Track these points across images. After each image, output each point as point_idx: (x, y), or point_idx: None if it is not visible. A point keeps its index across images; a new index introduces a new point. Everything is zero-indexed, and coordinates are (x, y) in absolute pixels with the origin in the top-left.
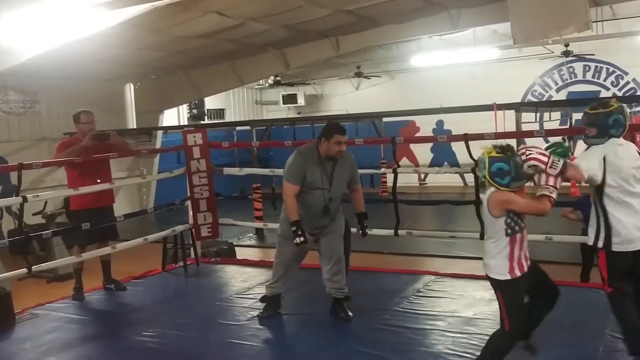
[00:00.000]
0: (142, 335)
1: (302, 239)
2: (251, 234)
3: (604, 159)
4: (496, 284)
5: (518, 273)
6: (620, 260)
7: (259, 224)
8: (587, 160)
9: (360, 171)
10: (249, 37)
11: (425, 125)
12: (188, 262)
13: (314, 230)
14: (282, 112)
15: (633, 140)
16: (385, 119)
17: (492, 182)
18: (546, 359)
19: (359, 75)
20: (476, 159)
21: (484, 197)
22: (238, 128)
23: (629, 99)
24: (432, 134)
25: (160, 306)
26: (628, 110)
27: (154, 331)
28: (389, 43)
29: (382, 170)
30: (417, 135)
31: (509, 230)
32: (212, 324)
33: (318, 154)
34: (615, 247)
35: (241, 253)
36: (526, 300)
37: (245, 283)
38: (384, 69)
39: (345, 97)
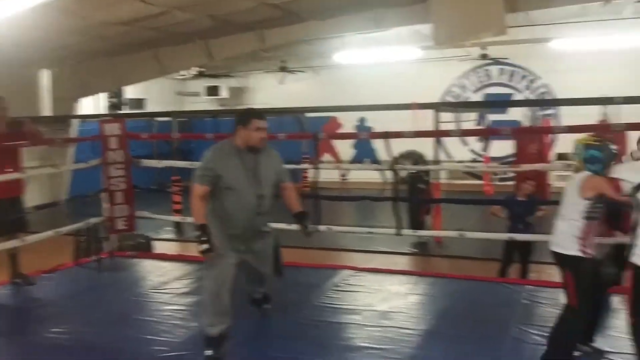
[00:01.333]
0: (49, 332)
1: (206, 246)
2: (169, 228)
3: None
4: (564, 260)
5: (589, 251)
6: None
7: (178, 218)
8: None
9: (287, 166)
10: (173, 25)
11: (348, 122)
12: (102, 256)
13: (241, 246)
14: (205, 104)
15: (542, 142)
16: (308, 115)
17: (585, 167)
18: (455, 352)
19: (283, 69)
20: (573, 145)
21: (575, 178)
22: (158, 119)
23: (540, 102)
24: (354, 131)
25: (70, 302)
26: (539, 113)
27: (62, 327)
28: (314, 39)
29: (303, 165)
30: (339, 131)
31: (588, 214)
32: (127, 319)
33: (236, 148)
34: None
35: (159, 247)
36: None
37: (162, 278)
38: (308, 64)
39: (269, 91)
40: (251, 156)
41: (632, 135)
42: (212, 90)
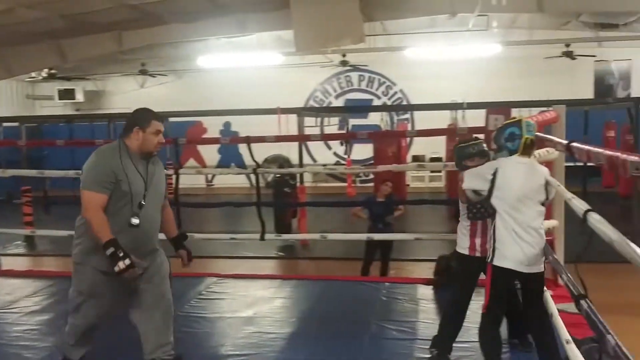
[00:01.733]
0: None
1: (127, 261)
2: (19, 242)
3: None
4: (459, 259)
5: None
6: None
7: (27, 231)
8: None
9: None
10: (20, 24)
11: (213, 127)
12: None
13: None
14: (58, 108)
15: (398, 145)
16: (172, 119)
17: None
18: (318, 353)
19: (144, 72)
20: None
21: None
22: (4, 124)
23: (396, 107)
24: (219, 135)
25: None
26: (395, 117)
27: None
28: (176, 42)
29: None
30: (204, 136)
31: (469, 214)
32: None
33: (128, 152)
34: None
35: (6, 263)
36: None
37: (9, 296)
38: (170, 67)
39: (129, 94)
40: (144, 164)
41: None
42: (67, 94)
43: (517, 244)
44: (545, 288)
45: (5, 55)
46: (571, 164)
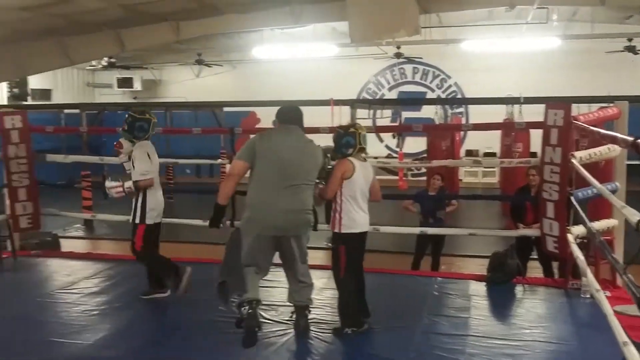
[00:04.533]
0: None
1: None
2: (79, 225)
3: None
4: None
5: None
6: None
7: (87, 215)
8: None
9: (200, 161)
10: (81, 14)
11: (266, 117)
12: (4, 256)
13: None
14: (117, 96)
15: (452, 139)
16: (226, 109)
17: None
18: (369, 345)
19: (200, 62)
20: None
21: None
22: (66, 111)
23: (451, 101)
24: (272, 126)
25: None
26: (449, 111)
27: None
28: (232, 32)
29: (219, 160)
30: (257, 126)
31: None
32: (31, 321)
33: None
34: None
35: (67, 245)
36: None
37: (69, 277)
38: (226, 58)
39: (185, 84)
40: None
41: (533, 133)
42: (125, 82)
43: None
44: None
45: (67, 44)
46: (635, 162)
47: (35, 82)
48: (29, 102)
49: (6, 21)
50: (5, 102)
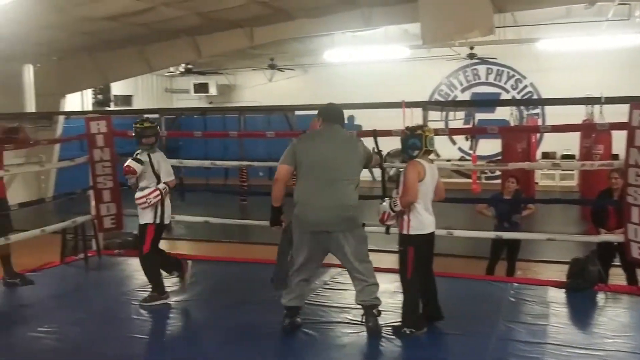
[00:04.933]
0: (36, 331)
1: None
2: None
3: None
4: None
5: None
6: None
7: None
8: None
9: (273, 163)
10: (159, 22)
11: None
12: (89, 254)
13: None
14: (193, 101)
15: (528, 141)
16: (297, 112)
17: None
18: (443, 350)
19: (272, 67)
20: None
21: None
22: (146, 116)
23: (527, 102)
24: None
25: (57, 300)
26: (525, 112)
27: (49, 327)
28: (303, 37)
29: None
30: None
31: None
32: (114, 318)
33: None
34: None
35: None
36: None
37: None
38: (297, 62)
39: (257, 88)
40: None
41: (615, 135)
42: (201, 88)
43: None
44: None
45: (147, 51)
46: None
47: (117, 88)
48: (112, 107)
49: (93, 31)
50: (90, 108)
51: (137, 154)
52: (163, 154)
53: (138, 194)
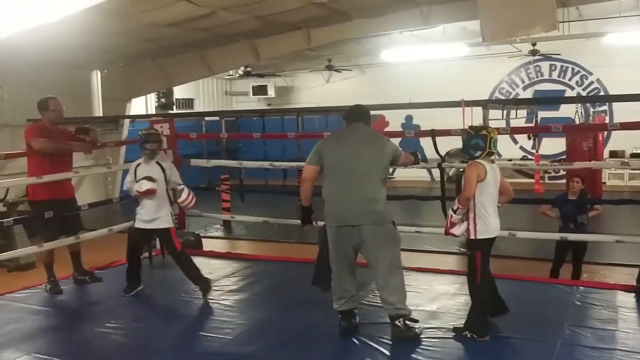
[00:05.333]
0: (104, 327)
1: None
2: (218, 226)
3: None
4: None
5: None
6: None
7: (227, 216)
8: None
9: None
10: (219, 26)
11: (395, 120)
12: (153, 254)
13: None
14: (252, 103)
15: (595, 139)
16: None
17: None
18: (506, 354)
19: (329, 68)
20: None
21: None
22: (207, 118)
23: (592, 98)
24: (401, 129)
25: (123, 298)
26: (591, 109)
27: (116, 323)
28: (360, 37)
29: None
30: (386, 129)
31: None
32: (176, 316)
33: None
34: None
35: (208, 245)
36: None
37: (210, 275)
38: (354, 62)
39: (315, 89)
40: None
41: None
42: (260, 90)
43: None
44: None
45: (207, 55)
46: None
47: (179, 92)
48: (175, 110)
49: (156, 37)
50: (154, 112)
51: (138, 164)
52: (171, 163)
53: (182, 197)
